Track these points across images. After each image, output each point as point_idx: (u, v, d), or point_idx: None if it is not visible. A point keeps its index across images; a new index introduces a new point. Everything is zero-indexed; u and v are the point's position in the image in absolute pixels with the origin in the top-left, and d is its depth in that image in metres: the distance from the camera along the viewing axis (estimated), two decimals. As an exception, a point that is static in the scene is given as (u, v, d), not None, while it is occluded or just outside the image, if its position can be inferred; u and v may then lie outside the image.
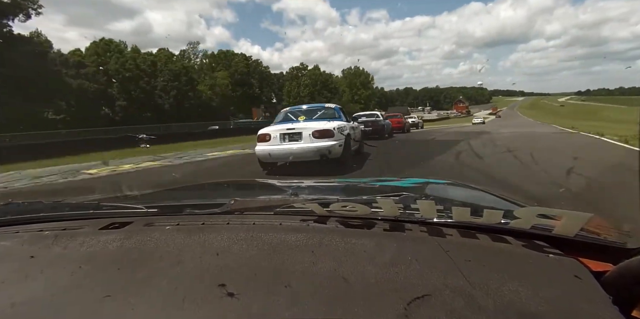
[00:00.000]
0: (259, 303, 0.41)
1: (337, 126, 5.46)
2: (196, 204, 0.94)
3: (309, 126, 5.37)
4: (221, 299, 0.42)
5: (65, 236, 0.66)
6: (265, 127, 5.72)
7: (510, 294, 0.43)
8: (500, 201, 0.98)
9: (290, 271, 0.49)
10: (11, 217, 0.82)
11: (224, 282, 0.45)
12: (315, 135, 5.21)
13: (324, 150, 5.17)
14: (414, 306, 0.40)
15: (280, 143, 5.36)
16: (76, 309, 0.42)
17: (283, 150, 5.30)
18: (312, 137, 5.21)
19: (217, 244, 0.58)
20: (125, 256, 0.57)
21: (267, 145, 5.42)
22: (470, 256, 0.52)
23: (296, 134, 5.32)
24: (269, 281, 0.46)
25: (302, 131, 5.28)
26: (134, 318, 0.40)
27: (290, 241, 0.58)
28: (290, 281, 0.46)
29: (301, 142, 5.25)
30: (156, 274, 0.49)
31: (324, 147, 5.16)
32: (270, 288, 0.44)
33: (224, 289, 0.44)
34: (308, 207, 0.72)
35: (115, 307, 0.42)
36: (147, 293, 0.45)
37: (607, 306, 0.42)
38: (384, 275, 0.47)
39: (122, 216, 0.77)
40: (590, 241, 0.57)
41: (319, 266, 0.50)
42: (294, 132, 5.34)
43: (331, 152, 5.21)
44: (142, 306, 0.42)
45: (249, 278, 0.47)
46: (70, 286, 0.48)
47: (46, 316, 0.42)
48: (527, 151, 7.66)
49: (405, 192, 0.83)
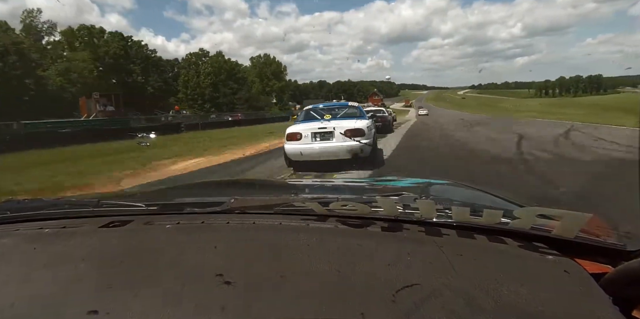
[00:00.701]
0: (259, 302, 0.41)
1: (367, 125, 5.63)
2: (196, 202, 0.91)
3: (340, 125, 5.44)
4: (221, 298, 0.42)
5: (65, 234, 0.66)
6: (292, 126, 5.85)
7: (510, 294, 0.42)
8: (500, 201, 0.99)
9: (289, 270, 0.48)
10: (11, 214, 0.81)
11: (228, 282, 0.45)
12: (348, 134, 5.32)
13: (356, 149, 5.30)
14: (414, 306, 0.40)
15: (312, 142, 5.46)
16: (76, 307, 0.41)
17: (315, 149, 5.43)
18: (345, 136, 5.32)
19: (217, 243, 0.58)
20: (125, 254, 0.56)
21: (298, 144, 5.51)
22: (469, 257, 0.52)
23: (328, 133, 5.41)
24: (269, 280, 0.46)
25: (334, 130, 5.37)
26: (134, 316, 0.40)
27: (290, 240, 0.58)
28: (290, 280, 0.46)
29: (333, 141, 5.38)
30: (156, 273, 0.49)
31: (357, 146, 5.28)
32: (270, 287, 0.44)
33: (224, 288, 0.44)
34: (308, 206, 0.72)
35: (115, 305, 0.42)
36: (146, 292, 0.44)
37: (607, 307, 0.42)
38: (384, 275, 0.46)
39: (122, 215, 0.76)
40: (590, 243, 0.56)
41: (319, 265, 0.49)
42: (326, 131, 5.42)
43: (363, 151, 5.35)
44: (142, 305, 0.42)
45: (249, 277, 0.47)
46: (71, 284, 0.48)
47: (46, 314, 0.42)
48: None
49: (405, 192, 0.84)
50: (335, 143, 5.34)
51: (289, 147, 5.60)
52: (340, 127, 5.38)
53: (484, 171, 5.57)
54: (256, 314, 0.40)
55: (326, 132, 5.40)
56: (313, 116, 6.24)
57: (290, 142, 5.58)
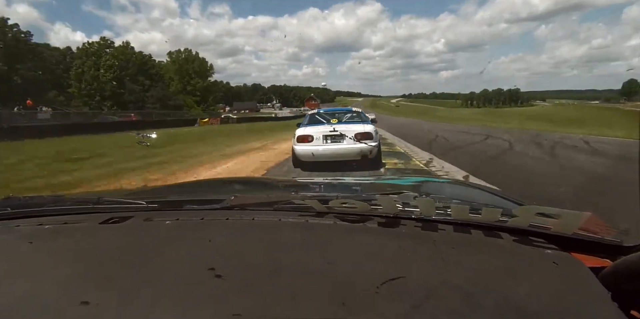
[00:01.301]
0: (258, 299, 0.41)
1: (374, 129, 6.02)
2: (196, 199, 0.92)
3: (350, 129, 5.82)
4: (220, 294, 0.42)
5: (66, 231, 0.67)
6: (300, 128, 6.14)
7: (510, 291, 0.42)
8: (499, 200, 0.99)
9: (289, 267, 0.48)
10: (11, 211, 0.81)
11: (223, 277, 0.45)
12: (358, 137, 5.70)
13: (366, 151, 5.68)
14: (413, 303, 0.40)
15: (323, 144, 5.79)
16: (76, 303, 0.41)
17: (327, 150, 5.76)
18: (355, 139, 5.68)
19: (216, 239, 0.58)
20: (125, 250, 0.57)
21: (309, 145, 5.81)
22: (468, 254, 0.52)
23: (338, 136, 5.76)
24: (267, 277, 0.45)
25: (345, 133, 5.72)
26: (134, 312, 0.40)
27: (290, 237, 0.58)
28: (289, 277, 0.46)
29: (344, 143, 5.73)
30: (155, 269, 0.49)
31: (366, 148, 5.67)
32: (269, 284, 0.44)
33: (223, 284, 0.44)
34: (307, 204, 0.72)
35: (115, 301, 0.42)
36: (146, 288, 0.45)
37: (606, 302, 0.42)
38: (382, 271, 0.46)
39: (122, 211, 0.76)
40: (588, 239, 0.57)
41: (318, 261, 0.49)
42: (336, 134, 5.76)
43: (372, 153, 5.75)
44: (142, 301, 0.42)
45: (248, 273, 0.47)
46: (71, 280, 0.48)
47: (46, 310, 0.41)
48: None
49: (404, 190, 0.84)
50: (346, 145, 5.72)
51: (300, 148, 5.88)
52: (350, 130, 5.76)
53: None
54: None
55: (337, 135, 5.76)
56: (318, 119, 6.57)
57: (301, 144, 5.88)
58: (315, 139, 5.75)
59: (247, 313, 0.38)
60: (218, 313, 0.39)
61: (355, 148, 5.63)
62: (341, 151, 5.68)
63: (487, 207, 0.65)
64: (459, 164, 6.58)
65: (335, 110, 7.32)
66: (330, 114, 6.79)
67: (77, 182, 5.30)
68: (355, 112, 7.00)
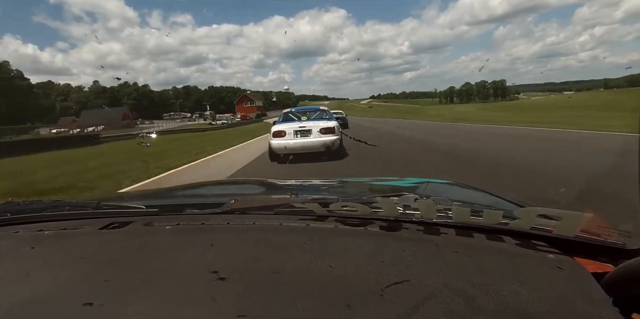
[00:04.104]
0: (259, 302, 0.41)
1: (336, 125, 7.27)
2: (196, 203, 0.90)
3: (316, 124, 7.08)
4: (221, 299, 0.42)
5: (66, 236, 0.66)
6: (275, 125, 7.37)
7: (510, 294, 0.42)
8: (501, 201, 0.98)
9: (290, 271, 0.48)
10: (11, 216, 0.80)
11: (227, 279, 0.45)
12: (322, 131, 6.94)
13: (329, 143, 6.93)
14: (414, 306, 0.39)
15: (294, 138, 7.02)
16: (76, 309, 0.41)
17: (297, 143, 6.99)
18: (320, 133, 6.93)
19: (217, 244, 0.58)
20: (125, 256, 0.56)
21: (283, 139, 7.02)
22: (469, 257, 0.52)
23: (307, 131, 7.00)
24: (269, 281, 0.45)
25: (312, 128, 6.98)
26: (137, 314, 0.40)
27: (290, 241, 0.58)
28: (290, 281, 0.45)
29: (311, 137, 6.97)
30: (156, 274, 0.49)
31: (329, 141, 6.93)
32: (270, 288, 0.44)
33: (227, 286, 0.44)
34: (308, 207, 0.71)
35: (114, 307, 0.41)
36: (146, 293, 0.44)
37: (608, 307, 0.41)
38: (384, 275, 0.46)
39: (122, 216, 0.76)
40: (590, 242, 0.56)
41: (319, 265, 0.49)
42: (305, 129, 7.02)
43: (334, 145, 6.98)
44: (142, 306, 0.41)
45: (249, 278, 0.46)
46: (70, 285, 0.47)
47: (46, 315, 0.41)
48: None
49: (405, 193, 0.84)
50: (312, 139, 6.93)
51: (275, 142, 7.04)
52: (316, 126, 6.98)
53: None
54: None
55: (306, 130, 6.98)
56: (291, 117, 7.86)
57: (276, 139, 7.04)
58: (287, 134, 7.01)
59: (252, 314, 0.38)
60: (222, 314, 0.38)
61: (320, 141, 6.91)
62: (308, 144, 6.94)
63: (489, 210, 0.65)
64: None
65: (305, 108, 8.44)
66: (301, 112, 8.03)
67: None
68: (322, 111, 8.10)
